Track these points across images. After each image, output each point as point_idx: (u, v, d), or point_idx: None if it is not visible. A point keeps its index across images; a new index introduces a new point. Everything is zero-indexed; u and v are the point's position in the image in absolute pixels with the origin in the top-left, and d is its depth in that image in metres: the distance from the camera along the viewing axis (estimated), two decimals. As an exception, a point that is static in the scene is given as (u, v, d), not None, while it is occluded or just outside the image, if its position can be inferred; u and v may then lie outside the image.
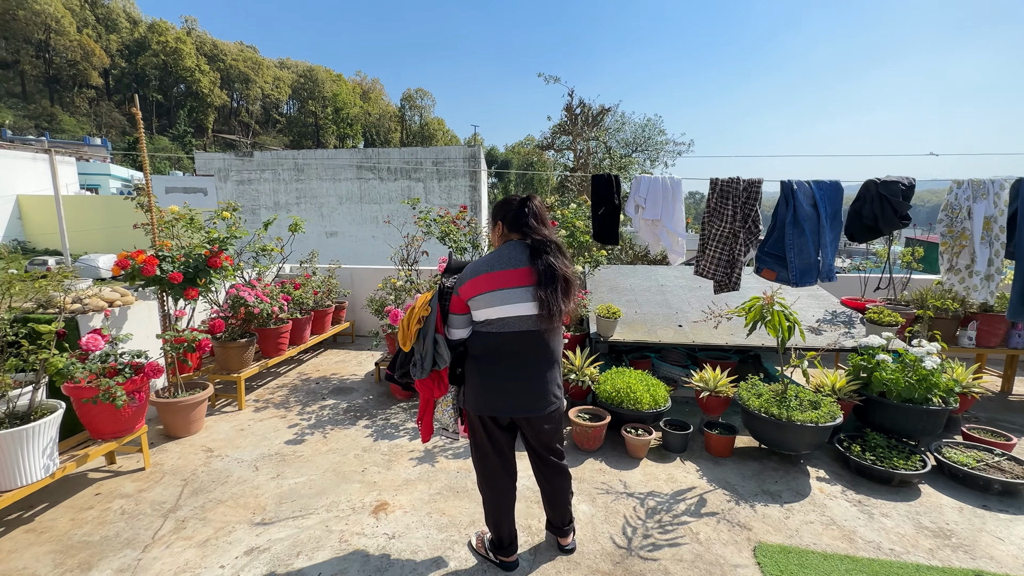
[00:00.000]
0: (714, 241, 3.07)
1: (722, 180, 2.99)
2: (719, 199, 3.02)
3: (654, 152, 23.66)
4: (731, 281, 3.04)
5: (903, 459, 2.90)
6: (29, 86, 57.55)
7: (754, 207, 2.89)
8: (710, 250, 3.11)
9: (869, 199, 2.75)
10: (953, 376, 3.32)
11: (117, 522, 2.52)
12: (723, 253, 3.01)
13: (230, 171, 23.15)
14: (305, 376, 4.82)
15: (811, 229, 2.66)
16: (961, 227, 3.01)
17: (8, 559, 2.25)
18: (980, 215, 2.91)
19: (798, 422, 2.89)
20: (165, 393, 3.47)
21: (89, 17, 62.91)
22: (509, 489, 2.17)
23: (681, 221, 3.23)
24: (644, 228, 3.34)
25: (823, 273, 2.70)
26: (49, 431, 2.42)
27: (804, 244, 2.66)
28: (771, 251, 2.74)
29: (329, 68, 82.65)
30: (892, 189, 2.70)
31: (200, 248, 3.44)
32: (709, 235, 3.14)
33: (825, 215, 2.67)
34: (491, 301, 1.89)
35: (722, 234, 3.02)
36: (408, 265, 5.02)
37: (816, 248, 2.66)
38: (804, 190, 2.69)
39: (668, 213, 3.20)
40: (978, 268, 2.94)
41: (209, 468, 3.07)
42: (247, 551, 2.31)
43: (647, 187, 3.25)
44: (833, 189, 2.72)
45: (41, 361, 2.43)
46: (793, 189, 2.67)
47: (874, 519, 2.56)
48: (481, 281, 1.90)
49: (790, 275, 2.67)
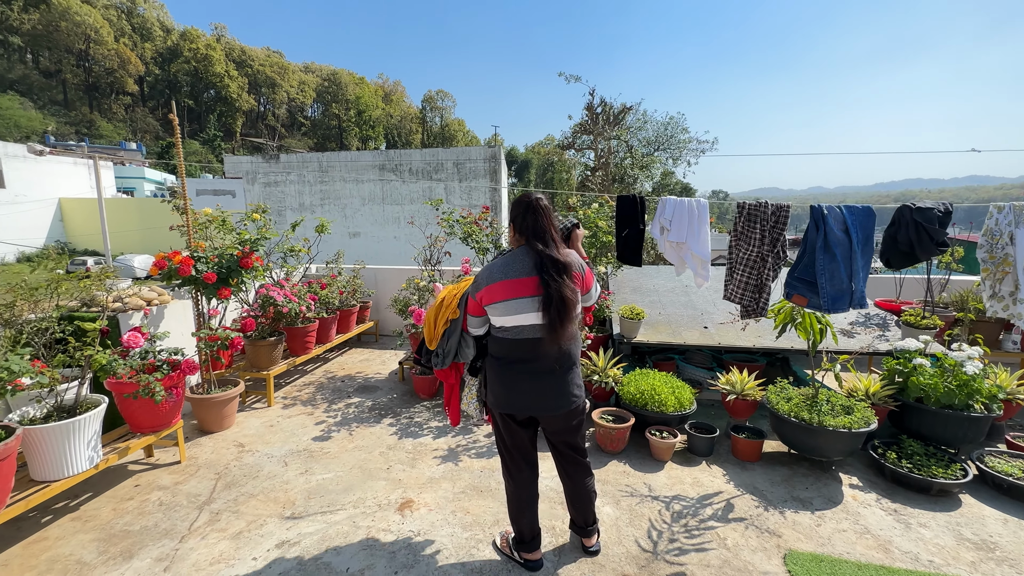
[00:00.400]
0: (741, 265, 3.03)
1: (749, 204, 2.96)
2: (746, 223, 2.98)
3: (676, 151, 23.33)
4: (758, 306, 2.99)
5: (942, 467, 2.79)
6: (70, 94, 60.26)
7: (782, 232, 2.84)
8: (738, 274, 3.07)
9: (904, 225, 2.66)
10: (996, 382, 3.18)
11: (155, 513, 2.62)
12: (751, 278, 2.96)
13: (257, 174, 23.76)
14: (331, 374, 4.92)
15: (843, 255, 2.59)
16: (1003, 253, 2.91)
17: (56, 545, 2.36)
18: (1023, 241, 2.80)
19: (830, 427, 2.81)
20: (199, 389, 3.59)
21: (125, 27, 65.50)
22: (529, 484, 2.18)
23: (707, 244, 3.19)
24: (669, 250, 3.32)
25: (855, 300, 2.64)
26: (93, 424, 2.53)
27: (836, 270, 2.60)
28: (801, 276, 2.68)
29: (352, 71, 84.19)
30: (927, 216, 2.62)
31: (232, 249, 3.55)
32: (736, 259, 3.09)
33: (857, 240, 2.60)
34: (506, 310, 1.91)
35: (750, 258, 2.97)
36: (431, 265, 5.07)
37: (848, 274, 2.60)
38: (835, 215, 2.63)
39: (694, 236, 3.17)
40: (1023, 295, 2.83)
41: (241, 463, 3.16)
42: (278, 544, 2.38)
43: (672, 209, 3.22)
44: (864, 214, 2.65)
45: (86, 357, 2.55)
46: (823, 214, 2.61)
47: (911, 529, 2.47)
48: (497, 289, 1.91)
49: (821, 301, 2.61)
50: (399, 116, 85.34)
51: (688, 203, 3.20)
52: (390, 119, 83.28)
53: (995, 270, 2.95)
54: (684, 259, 3.28)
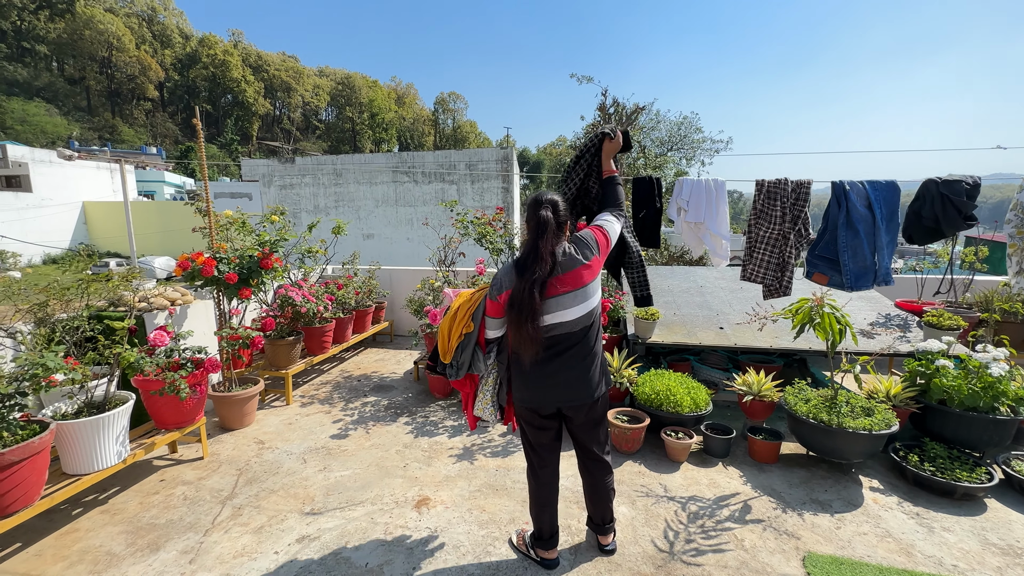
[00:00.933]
0: (762, 244, 2.98)
1: (769, 181, 2.91)
2: (766, 200, 2.93)
3: (690, 151, 23.09)
4: (782, 285, 2.92)
5: (966, 471, 2.74)
6: (93, 100, 61.92)
7: (803, 208, 2.78)
8: (758, 254, 3.01)
9: (929, 199, 2.59)
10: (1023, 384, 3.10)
11: (180, 507, 2.70)
12: (772, 256, 2.91)
13: (273, 176, 24.14)
14: (347, 373, 4.99)
15: (866, 231, 2.53)
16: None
17: (87, 537, 2.44)
18: None
19: (850, 429, 2.77)
20: (220, 387, 3.67)
21: (146, 34, 67.13)
22: (551, 481, 2.19)
23: (725, 224, 3.15)
24: (687, 231, 3.29)
25: (880, 276, 2.57)
26: (122, 420, 2.61)
27: (859, 246, 2.54)
28: (822, 254, 2.63)
29: (365, 75, 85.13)
30: (955, 188, 2.54)
31: (252, 250, 3.63)
32: (757, 238, 3.03)
33: (880, 216, 2.54)
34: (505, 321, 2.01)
35: (771, 236, 2.92)
36: (446, 266, 5.11)
37: (872, 251, 2.53)
38: (857, 190, 2.57)
39: (712, 216, 3.13)
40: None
41: (261, 459, 3.23)
42: (299, 539, 2.42)
43: (690, 189, 3.20)
44: (889, 189, 2.58)
45: (115, 355, 2.63)
46: (845, 190, 2.56)
47: (934, 533, 2.43)
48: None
49: (844, 279, 2.55)
50: (412, 118, 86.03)
51: (706, 183, 3.18)
52: (403, 121, 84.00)
53: (1023, 245, 2.85)
54: (702, 239, 3.25)
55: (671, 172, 24.46)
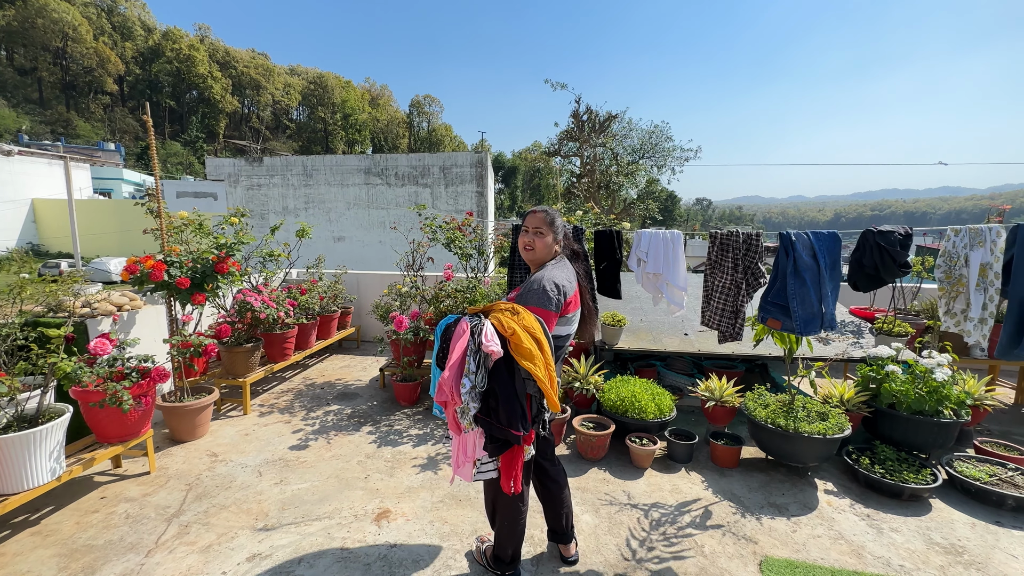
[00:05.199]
0: (717, 292, 3.17)
1: (721, 233, 3.13)
2: (719, 252, 3.14)
3: (661, 159, 23.64)
4: (735, 331, 3.13)
5: (913, 472, 2.85)
6: (46, 92, 58.75)
7: (754, 259, 2.96)
8: (714, 301, 3.21)
9: (868, 249, 2.83)
10: (965, 388, 3.26)
11: (121, 526, 2.53)
12: (727, 304, 3.09)
13: (240, 176, 23.39)
14: (310, 381, 4.84)
15: (812, 280, 2.70)
16: (958, 274, 3.07)
17: (13, 562, 2.26)
18: (977, 262, 2.99)
19: (805, 433, 2.85)
20: (171, 397, 3.49)
21: (105, 25, 64.22)
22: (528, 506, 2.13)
23: (683, 275, 3.31)
24: (646, 281, 3.42)
25: (826, 322, 2.75)
26: (56, 435, 2.44)
27: (806, 294, 2.71)
28: (775, 301, 2.78)
29: (339, 75, 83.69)
30: (889, 239, 2.78)
31: (208, 254, 3.48)
32: (712, 287, 3.23)
33: (825, 265, 2.72)
34: (573, 319, 2.01)
35: (724, 285, 3.12)
36: (414, 271, 5.03)
37: (818, 298, 2.71)
38: (803, 241, 2.75)
39: (669, 267, 3.29)
40: (972, 314, 3.03)
41: (213, 473, 3.08)
42: (249, 557, 2.31)
43: (648, 242, 3.35)
44: (831, 240, 2.79)
45: (50, 365, 2.46)
46: (792, 240, 2.73)
47: (883, 534, 2.51)
48: (573, 298, 1.97)
49: (794, 324, 2.71)
50: (386, 120, 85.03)
51: (663, 235, 3.31)
52: (376, 123, 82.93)
53: (950, 289, 3.07)
54: (660, 289, 3.37)
55: (643, 179, 25.00)
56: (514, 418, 1.70)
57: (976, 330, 3.03)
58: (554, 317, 1.86)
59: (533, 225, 2.02)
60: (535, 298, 1.85)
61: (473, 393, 1.71)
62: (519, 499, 2.04)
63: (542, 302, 1.84)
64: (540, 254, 2.03)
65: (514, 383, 1.71)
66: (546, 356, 1.73)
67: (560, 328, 1.95)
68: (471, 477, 1.90)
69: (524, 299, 1.87)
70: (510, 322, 1.73)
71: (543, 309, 1.83)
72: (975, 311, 2.95)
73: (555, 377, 1.76)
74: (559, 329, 1.94)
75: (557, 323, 1.91)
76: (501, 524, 2.11)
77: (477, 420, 1.76)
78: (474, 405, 1.73)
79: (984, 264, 2.93)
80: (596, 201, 21.39)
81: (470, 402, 1.72)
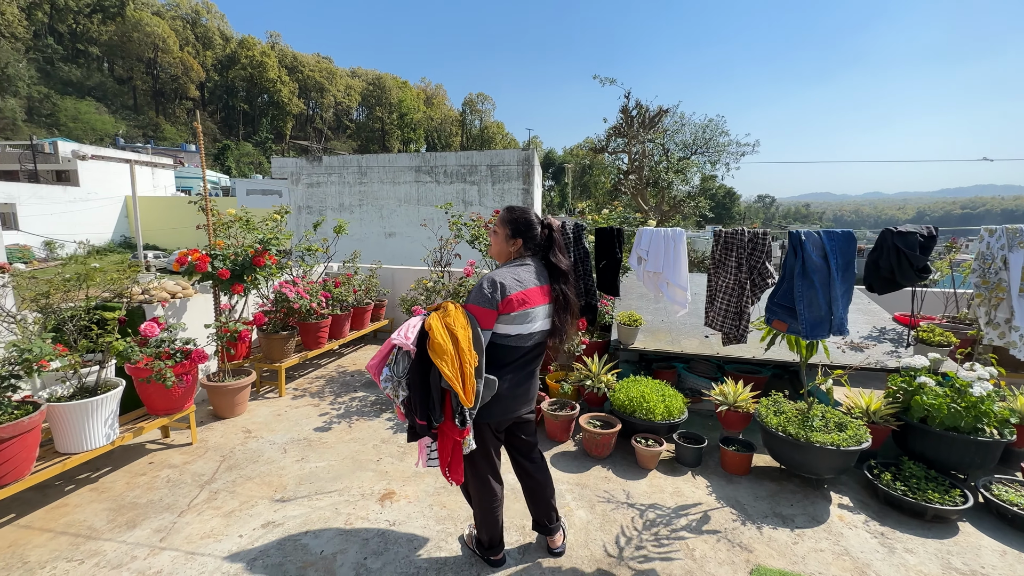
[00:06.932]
0: (721, 293, 3.05)
1: (725, 231, 3.01)
2: (723, 251, 3.02)
3: (715, 154, 22.64)
4: (739, 332, 2.98)
5: (940, 492, 2.65)
6: (139, 99, 65.07)
7: (760, 258, 2.82)
8: (718, 302, 3.08)
9: (886, 250, 2.57)
10: (1013, 405, 2.98)
11: (162, 488, 2.87)
12: (731, 305, 2.97)
13: (301, 175, 24.81)
14: (343, 369, 5.15)
15: (821, 281, 2.53)
16: (997, 278, 2.75)
17: (74, 512, 2.63)
18: (1018, 265, 2.64)
19: (817, 444, 2.72)
20: (215, 378, 3.86)
21: (190, 36, 70.14)
22: (502, 496, 2.21)
23: (684, 275, 3.21)
24: (647, 279, 3.35)
25: (835, 327, 2.56)
26: (110, 404, 2.80)
27: (814, 296, 2.54)
28: (781, 302, 2.64)
29: (396, 75, 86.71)
30: (908, 241, 2.51)
31: (248, 248, 3.80)
32: (716, 287, 3.11)
33: (836, 267, 2.53)
34: (522, 319, 1.97)
35: (728, 286, 2.99)
36: (441, 267, 5.21)
37: (827, 301, 2.54)
38: (813, 240, 2.57)
39: (670, 265, 3.20)
40: (1017, 323, 2.68)
41: (245, 447, 3.39)
42: (264, 524, 2.55)
43: (648, 240, 3.28)
44: (844, 240, 2.57)
45: (106, 344, 2.82)
46: (801, 240, 2.57)
47: (895, 554, 2.37)
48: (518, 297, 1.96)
49: (800, 327, 2.57)
50: (440, 119, 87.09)
51: (664, 233, 3.24)
52: (431, 122, 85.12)
53: (989, 296, 2.79)
54: (660, 288, 3.30)
55: (695, 176, 24.07)
56: (423, 408, 1.84)
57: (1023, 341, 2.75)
58: (491, 314, 1.91)
59: (493, 223, 2.12)
60: (473, 295, 1.97)
61: (394, 381, 1.87)
62: (485, 490, 2.14)
63: (478, 299, 1.93)
64: (493, 251, 2.17)
65: (428, 376, 1.83)
66: (461, 352, 1.79)
67: (506, 327, 1.95)
68: (423, 464, 2.05)
69: (468, 297, 2.01)
70: (433, 318, 1.86)
71: (478, 306, 1.93)
72: (1020, 320, 2.68)
73: (471, 373, 1.80)
74: (505, 328, 1.96)
75: (500, 321, 1.94)
76: (475, 511, 2.24)
77: (404, 407, 1.93)
78: (402, 393, 1.90)
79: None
80: (644, 198, 20.87)
81: (399, 390, 1.90)
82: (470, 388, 1.80)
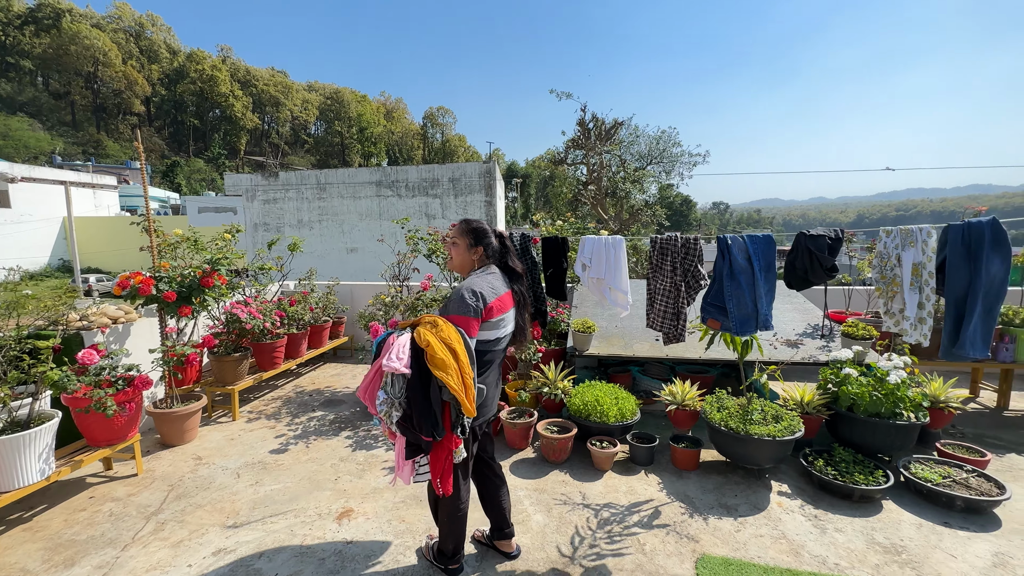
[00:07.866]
0: (659, 295, 3.29)
1: (660, 238, 3.27)
2: (659, 256, 3.27)
3: (669, 164, 23.59)
4: (677, 332, 3.24)
5: (865, 474, 2.88)
6: (78, 115, 61.62)
7: (693, 262, 3.08)
8: (658, 304, 3.33)
9: (800, 252, 2.95)
10: (926, 390, 3.27)
11: (104, 523, 2.74)
12: (668, 306, 3.23)
13: (257, 191, 24.16)
14: (300, 389, 5.05)
15: (746, 282, 2.83)
16: (892, 274, 3.10)
17: (3, 554, 2.48)
18: (909, 262, 3.02)
19: (755, 436, 2.91)
20: (162, 404, 3.72)
21: (133, 49, 67.16)
22: (468, 501, 2.25)
23: (624, 280, 3.46)
24: (591, 285, 3.58)
25: (760, 323, 2.87)
26: (44, 438, 2.66)
27: (741, 296, 2.84)
28: (713, 302, 2.94)
29: (355, 89, 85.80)
30: (818, 243, 2.91)
31: (195, 269, 3.71)
32: (654, 290, 3.36)
33: (759, 268, 2.85)
34: (498, 324, 2.08)
35: (665, 288, 3.24)
36: (399, 281, 5.21)
37: (752, 300, 2.83)
38: (738, 244, 2.89)
39: (611, 272, 3.43)
40: (908, 313, 3.06)
41: (195, 475, 3.28)
42: (215, 552, 2.48)
43: (591, 248, 3.51)
44: (765, 243, 2.90)
45: (39, 374, 2.69)
46: (728, 244, 2.88)
47: (826, 534, 2.55)
48: (496, 304, 2.06)
49: (731, 324, 2.85)
50: (401, 132, 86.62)
51: (604, 240, 3.44)
52: (392, 136, 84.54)
53: (886, 289, 3.10)
54: (604, 292, 3.49)
55: (651, 186, 24.94)
56: (426, 425, 1.82)
57: (914, 329, 3.06)
58: (476, 323, 1.97)
59: (450, 236, 2.20)
60: (455, 306, 1.98)
61: (389, 403, 1.85)
62: (457, 497, 2.16)
63: (461, 309, 1.96)
64: (456, 263, 2.23)
65: (429, 393, 1.83)
66: (462, 365, 1.83)
67: (487, 333, 2.05)
68: (410, 480, 2.04)
69: (447, 309, 2.01)
70: (428, 335, 1.83)
71: (463, 316, 1.95)
72: (911, 310, 2.99)
73: (471, 384, 1.85)
74: (485, 334, 2.05)
75: (482, 328, 2.02)
76: (443, 520, 2.24)
77: (399, 426, 1.90)
78: (396, 413, 1.87)
79: (916, 264, 2.97)
80: (603, 208, 21.44)
81: (392, 411, 1.86)
82: (472, 398, 1.85)
